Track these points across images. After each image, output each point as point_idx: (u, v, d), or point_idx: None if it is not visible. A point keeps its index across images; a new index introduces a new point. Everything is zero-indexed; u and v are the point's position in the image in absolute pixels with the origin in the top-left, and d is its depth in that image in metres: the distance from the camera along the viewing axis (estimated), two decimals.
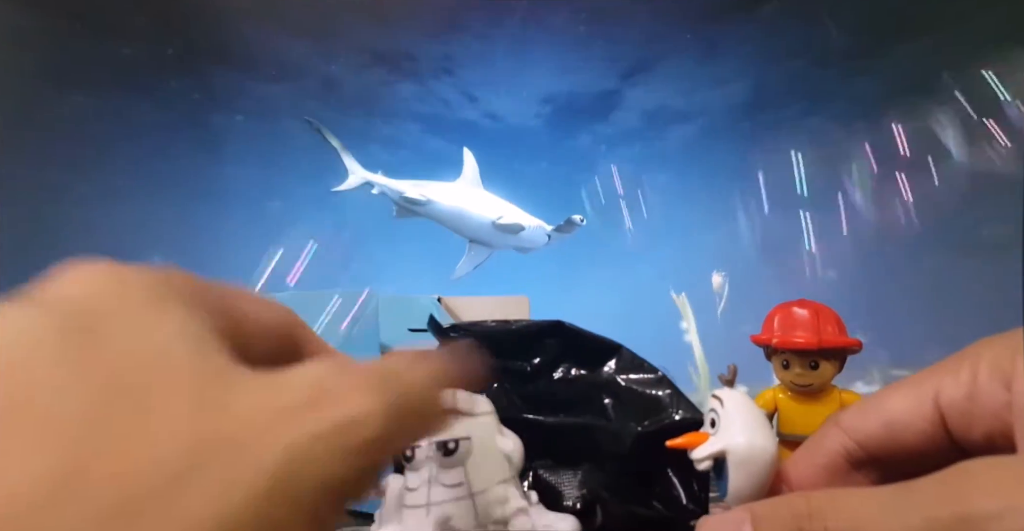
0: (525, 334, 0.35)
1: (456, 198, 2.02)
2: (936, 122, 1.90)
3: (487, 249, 2.10)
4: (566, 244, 2.13)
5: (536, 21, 2.20)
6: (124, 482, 0.10)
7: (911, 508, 0.15)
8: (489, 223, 2.00)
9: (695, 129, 2.58)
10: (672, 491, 0.30)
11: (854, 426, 0.21)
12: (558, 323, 0.34)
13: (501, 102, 2.51)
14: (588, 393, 0.33)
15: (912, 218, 2.04)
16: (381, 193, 2.05)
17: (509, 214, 2.01)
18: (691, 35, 2.23)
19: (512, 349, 0.35)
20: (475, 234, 2.05)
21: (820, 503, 0.17)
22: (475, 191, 2.05)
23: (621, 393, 0.32)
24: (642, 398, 0.32)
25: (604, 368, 0.33)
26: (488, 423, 0.26)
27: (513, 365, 0.35)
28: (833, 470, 0.21)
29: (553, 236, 2.05)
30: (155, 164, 2.25)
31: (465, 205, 2.01)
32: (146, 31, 2.01)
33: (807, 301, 0.32)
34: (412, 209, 2.02)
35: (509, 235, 2.01)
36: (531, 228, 2.01)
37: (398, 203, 2.04)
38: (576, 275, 2.64)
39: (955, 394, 0.18)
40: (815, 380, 0.30)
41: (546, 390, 0.35)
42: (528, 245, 2.06)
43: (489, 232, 2.02)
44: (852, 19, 2.02)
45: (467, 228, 2.04)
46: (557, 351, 0.35)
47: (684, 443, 0.24)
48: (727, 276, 2.01)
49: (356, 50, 2.23)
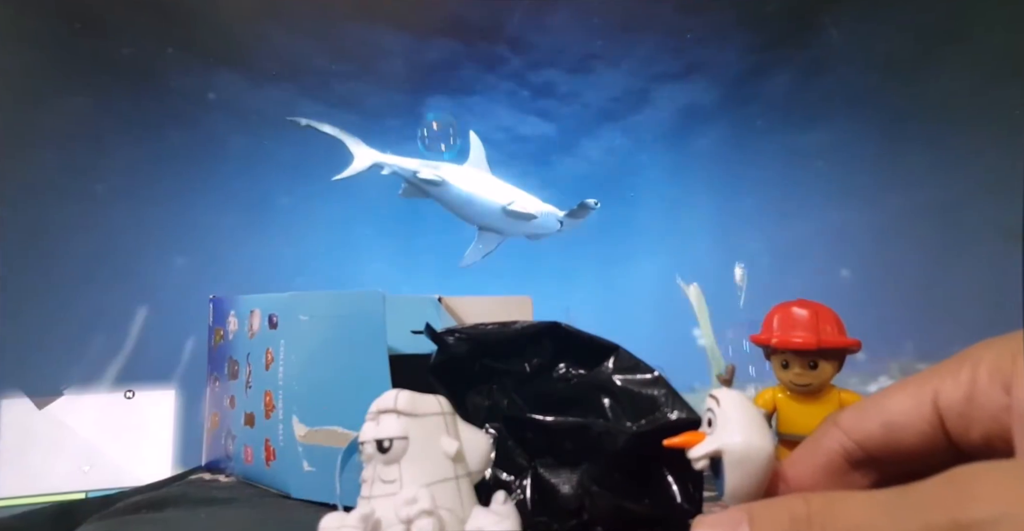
0: (523, 336, 0.35)
1: (466, 181, 1.94)
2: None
3: (497, 236, 2.03)
4: (573, 235, 2.06)
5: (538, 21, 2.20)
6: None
7: (909, 513, 0.15)
8: (499, 209, 1.93)
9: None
10: (667, 490, 0.30)
11: (853, 426, 0.21)
12: (555, 324, 0.35)
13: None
14: (586, 393, 0.34)
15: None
16: (392, 173, 1.96)
17: (520, 200, 1.95)
18: (692, 34, 2.22)
19: (510, 351, 0.35)
20: (485, 220, 1.98)
21: (818, 506, 0.17)
22: (484, 175, 1.98)
23: (618, 393, 0.32)
24: (638, 398, 0.32)
25: (601, 368, 0.33)
26: (432, 424, 0.26)
27: (512, 366, 0.35)
28: (831, 470, 0.21)
29: (566, 222, 1.98)
30: (155, 163, 2.25)
31: (475, 189, 1.93)
32: (146, 31, 2.01)
33: (806, 301, 0.32)
34: (424, 188, 1.93)
35: (520, 221, 1.94)
36: (543, 214, 1.95)
37: (410, 181, 1.94)
38: (583, 270, 2.63)
39: (954, 396, 0.18)
40: (814, 380, 0.30)
41: (544, 390, 0.35)
42: (540, 231, 2.00)
43: (499, 218, 1.95)
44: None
45: (477, 214, 1.96)
46: (555, 352, 0.35)
47: (681, 442, 0.24)
48: (747, 268, 1.97)
49: (356, 50, 2.23)
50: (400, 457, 0.25)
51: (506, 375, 0.35)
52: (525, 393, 0.35)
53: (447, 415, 0.27)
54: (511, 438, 0.33)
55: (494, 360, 0.35)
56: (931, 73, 2.04)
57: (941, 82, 2.02)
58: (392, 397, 0.26)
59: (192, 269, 2.13)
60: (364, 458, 0.26)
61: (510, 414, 0.34)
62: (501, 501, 0.27)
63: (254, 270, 2.36)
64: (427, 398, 0.27)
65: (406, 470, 0.25)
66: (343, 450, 0.38)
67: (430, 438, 0.26)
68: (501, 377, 0.35)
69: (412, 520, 0.24)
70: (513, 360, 0.35)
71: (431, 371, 0.35)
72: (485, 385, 0.36)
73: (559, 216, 1.98)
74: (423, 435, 0.26)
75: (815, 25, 2.14)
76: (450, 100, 2.32)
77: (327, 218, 2.53)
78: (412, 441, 0.25)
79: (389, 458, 0.25)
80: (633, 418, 0.31)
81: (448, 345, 0.35)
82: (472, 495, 0.26)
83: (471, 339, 0.35)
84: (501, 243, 2.05)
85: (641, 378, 0.32)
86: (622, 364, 0.33)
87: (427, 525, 0.23)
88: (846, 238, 2.30)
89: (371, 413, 0.27)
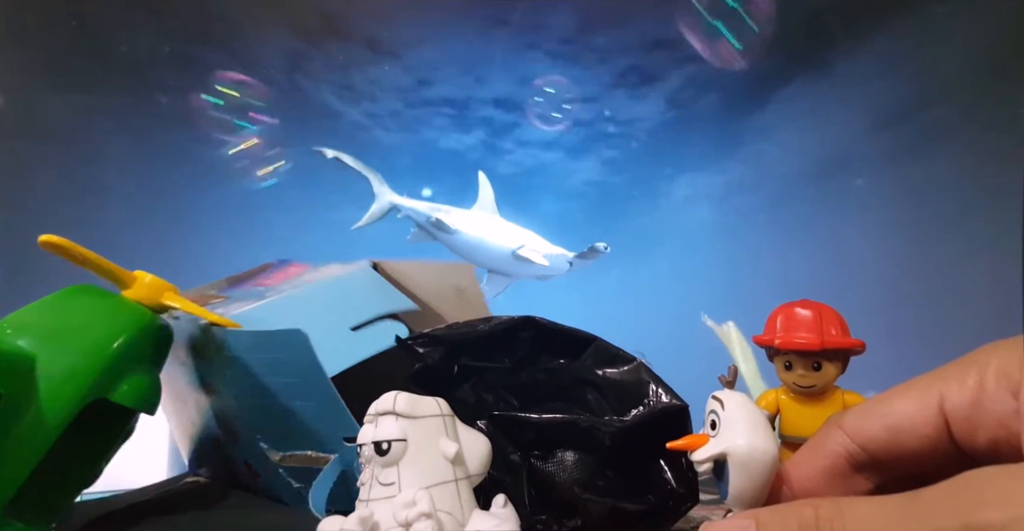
0: (499, 332, 0.34)
1: (475, 227, 1.93)
2: None
3: (507, 279, 2.02)
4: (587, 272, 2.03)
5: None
6: None
7: (919, 519, 0.15)
8: (509, 253, 1.92)
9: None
10: (662, 476, 0.29)
11: (857, 429, 0.21)
12: (530, 318, 0.34)
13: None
14: (569, 386, 0.33)
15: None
16: (405, 217, 1.96)
17: (530, 243, 1.93)
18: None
19: (489, 347, 0.35)
20: (494, 264, 1.97)
21: (828, 512, 0.17)
22: (492, 218, 1.97)
23: (601, 384, 0.32)
24: (622, 387, 0.31)
25: (581, 360, 0.33)
26: (431, 426, 0.26)
27: (493, 362, 0.35)
28: (834, 472, 0.21)
29: (575, 263, 1.96)
30: (153, 162, 2.24)
31: (484, 234, 1.93)
32: (145, 30, 2.01)
33: (810, 302, 0.32)
34: (434, 234, 1.94)
35: (530, 265, 1.92)
36: (553, 257, 1.94)
37: (422, 226, 1.95)
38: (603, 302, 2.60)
39: (961, 400, 0.18)
40: (818, 381, 0.30)
41: (529, 383, 0.34)
42: (550, 273, 1.99)
43: (509, 262, 1.94)
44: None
45: (486, 258, 1.95)
46: (534, 345, 0.34)
47: (685, 445, 0.24)
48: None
49: (355, 51, 2.23)
50: (399, 459, 0.25)
51: (488, 372, 0.35)
52: (511, 387, 0.35)
53: (446, 417, 0.27)
54: (501, 435, 0.33)
55: (473, 359, 0.35)
56: (936, 70, 2.03)
57: (941, 84, 2.02)
58: (391, 399, 0.26)
59: (190, 268, 2.13)
60: (362, 460, 0.26)
61: (496, 413, 0.34)
62: (501, 504, 0.26)
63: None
64: (426, 400, 0.27)
65: (405, 473, 0.25)
66: (324, 471, 0.37)
67: (429, 440, 0.26)
68: (483, 374, 0.35)
69: (411, 523, 0.23)
70: (494, 356, 0.35)
71: (412, 380, 0.35)
72: (468, 384, 0.35)
73: (568, 257, 1.97)
74: (422, 437, 0.26)
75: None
76: None
77: (326, 216, 2.52)
78: (411, 443, 0.25)
79: (387, 460, 0.25)
80: (619, 410, 0.31)
81: (420, 356, 0.34)
82: (472, 498, 0.26)
83: (445, 342, 0.35)
84: (510, 285, 2.04)
85: (623, 368, 0.32)
86: (602, 354, 0.33)
87: (426, 528, 0.23)
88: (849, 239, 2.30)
89: (369, 415, 0.26)
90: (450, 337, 0.35)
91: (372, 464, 0.25)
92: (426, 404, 0.27)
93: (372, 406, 0.26)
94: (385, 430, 0.25)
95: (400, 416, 0.26)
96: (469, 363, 0.35)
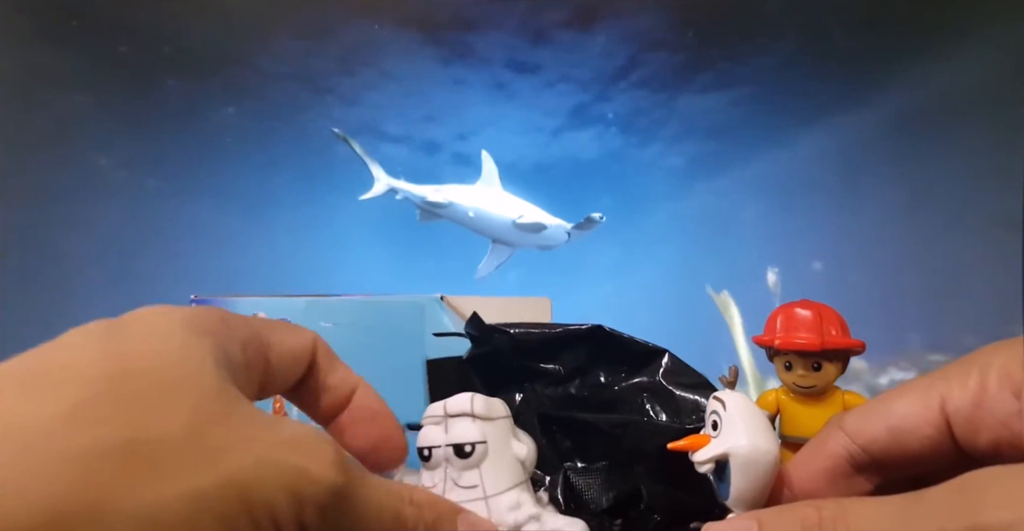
0: (564, 338, 0.35)
1: (476, 200, 2.07)
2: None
3: (509, 248, 2.15)
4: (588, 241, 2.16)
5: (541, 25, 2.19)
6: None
7: (924, 520, 0.15)
8: (510, 223, 2.05)
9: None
10: (708, 485, 0.31)
11: (858, 429, 0.21)
12: (598, 327, 0.35)
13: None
14: (627, 396, 0.34)
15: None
16: (405, 198, 2.10)
17: (529, 213, 2.06)
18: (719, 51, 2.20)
19: (548, 352, 0.36)
20: (497, 234, 2.11)
21: (831, 513, 0.17)
22: (495, 192, 2.10)
23: (660, 393, 0.33)
24: (681, 399, 0.32)
25: (645, 372, 0.34)
26: (504, 427, 0.26)
27: (547, 367, 0.36)
28: (835, 473, 0.21)
29: (573, 234, 2.08)
30: (153, 163, 2.25)
31: (486, 206, 2.07)
32: (144, 30, 2.01)
33: (810, 301, 0.31)
34: (435, 212, 2.08)
35: (530, 234, 2.06)
36: (552, 226, 2.06)
37: (421, 207, 2.09)
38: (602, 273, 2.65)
39: (963, 401, 0.18)
40: (818, 382, 0.30)
41: (584, 393, 0.35)
42: (549, 243, 2.12)
43: (510, 232, 2.07)
44: None
45: (489, 228, 2.09)
46: (591, 356, 0.35)
47: (686, 445, 0.24)
48: (780, 273, 1.93)
49: (355, 51, 2.23)
50: (480, 462, 0.25)
51: (540, 376, 0.36)
52: (559, 395, 0.35)
53: (511, 418, 0.27)
54: (542, 437, 0.33)
55: (530, 360, 0.36)
56: (937, 70, 2.03)
57: (944, 77, 2.01)
58: (467, 400, 0.26)
59: (190, 268, 2.13)
60: (429, 464, 0.26)
61: (544, 412, 0.34)
62: (546, 501, 0.27)
63: (254, 269, 2.37)
64: (497, 402, 0.27)
65: (487, 474, 0.25)
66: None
67: (503, 442, 0.26)
68: (534, 378, 0.36)
69: (521, 525, 0.24)
70: (549, 362, 0.36)
71: (467, 361, 0.35)
72: (517, 384, 0.36)
73: (567, 228, 2.08)
74: (497, 439, 0.26)
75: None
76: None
77: (328, 218, 2.53)
78: (489, 445, 0.25)
79: (469, 463, 0.25)
80: (679, 417, 0.32)
81: (492, 338, 0.35)
82: (536, 498, 0.26)
83: (513, 337, 0.35)
84: (512, 254, 2.19)
85: (688, 381, 0.33)
86: (667, 368, 0.34)
87: (537, 529, 0.23)
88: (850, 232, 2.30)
89: (434, 417, 0.26)
90: (519, 334, 0.36)
91: (443, 467, 0.25)
92: (497, 406, 0.27)
93: (438, 407, 0.26)
94: (465, 432, 0.25)
95: (477, 418, 0.26)
96: (525, 363, 0.36)
